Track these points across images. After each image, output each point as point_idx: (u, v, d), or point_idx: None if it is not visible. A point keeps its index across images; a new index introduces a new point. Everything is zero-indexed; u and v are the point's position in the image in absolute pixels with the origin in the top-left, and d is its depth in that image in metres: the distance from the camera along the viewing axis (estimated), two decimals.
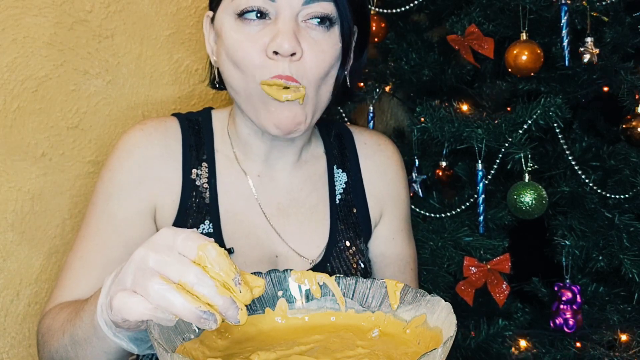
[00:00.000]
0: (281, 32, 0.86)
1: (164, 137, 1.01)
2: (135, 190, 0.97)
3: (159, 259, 0.60)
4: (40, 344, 0.89)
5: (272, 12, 0.87)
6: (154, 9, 1.43)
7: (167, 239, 0.62)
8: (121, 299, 0.61)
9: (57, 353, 0.82)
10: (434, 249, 1.50)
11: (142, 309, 0.60)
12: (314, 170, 1.07)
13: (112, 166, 0.99)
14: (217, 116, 1.06)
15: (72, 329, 0.78)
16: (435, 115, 1.41)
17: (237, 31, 0.89)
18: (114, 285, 0.64)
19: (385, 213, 1.11)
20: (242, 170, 1.02)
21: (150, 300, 0.59)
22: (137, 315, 0.60)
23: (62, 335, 0.81)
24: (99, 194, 0.98)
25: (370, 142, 1.13)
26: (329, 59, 0.90)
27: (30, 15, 1.26)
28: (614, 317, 1.55)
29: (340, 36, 0.92)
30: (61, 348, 0.81)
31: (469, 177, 1.57)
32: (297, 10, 0.87)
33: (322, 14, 0.88)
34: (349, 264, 1.03)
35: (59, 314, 0.86)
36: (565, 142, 1.43)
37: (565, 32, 1.39)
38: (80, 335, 0.76)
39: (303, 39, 0.88)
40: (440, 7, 1.66)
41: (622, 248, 1.46)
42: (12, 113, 1.26)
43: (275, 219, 1.02)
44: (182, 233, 0.62)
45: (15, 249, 1.28)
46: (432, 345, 0.65)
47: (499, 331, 1.55)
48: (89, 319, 0.73)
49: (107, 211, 0.97)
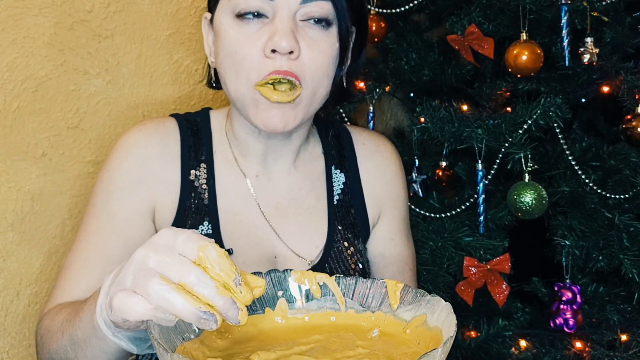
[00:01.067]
0: (279, 30, 0.86)
1: (163, 137, 1.01)
2: (134, 190, 0.97)
3: (159, 259, 0.60)
4: (39, 345, 0.89)
5: (270, 11, 0.88)
6: (154, 9, 1.43)
7: (168, 240, 0.62)
8: (121, 299, 0.61)
9: (56, 354, 0.82)
10: (434, 249, 1.50)
11: (142, 309, 0.60)
12: (312, 170, 1.07)
13: (111, 166, 0.99)
14: (215, 117, 1.06)
15: (71, 330, 0.78)
16: (435, 115, 1.41)
17: (236, 30, 0.89)
18: (114, 285, 0.64)
19: (384, 214, 1.11)
20: (241, 171, 1.02)
21: (151, 301, 0.59)
22: (137, 315, 0.60)
23: (61, 336, 0.81)
24: (98, 194, 0.98)
25: (369, 143, 1.13)
26: (327, 59, 0.90)
27: (30, 15, 1.25)
28: (614, 317, 1.55)
29: (338, 36, 0.92)
30: (60, 349, 0.81)
31: (469, 177, 1.57)
32: (294, 9, 0.87)
33: (319, 14, 0.89)
34: (348, 264, 1.03)
35: (58, 315, 0.86)
36: (565, 142, 1.43)
37: (565, 32, 1.39)
38: (79, 336, 0.76)
39: (301, 38, 0.88)
40: (440, 7, 1.66)
41: (622, 248, 1.46)
42: (12, 113, 1.26)
43: (274, 219, 1.02)
44: (182, 234, 0.62)
45: (15, 249, 1.28)
46: (432, 346, 0.65)
47: (499, 331, 1.55)
48: (88, 319, 0.73)
49: (107, 211, 0.97)
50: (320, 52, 0.89)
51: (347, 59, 0.99)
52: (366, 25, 1.01)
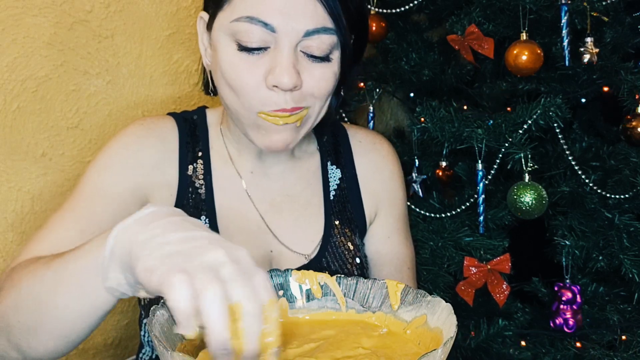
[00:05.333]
0: (280, 65, 0.84)
1: (162, 132, 1.01)
2: (131, 170, 0.96)
3: (233, 275, 0.57)
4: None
5: (272, 41, 0.85)
6: (153, 9, 1.43)
7: (249, 262, 0.59)
8: (175, 280, 0.55)
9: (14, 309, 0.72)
10: (434, 249, 1.50)
11: (185, 303, 0.55)
12: (308, 166, 1.08)
13: (109, 149, 0.97)
14: (211, 114, 1.07)
15: (39, 279, 0.70)
16: (435, 115, 1.41)
17: (235, 55, 0.87)
18: (168, 257, 0.58)
19: (381, 212, 1.11)
20: (236, 168, 1.03)
21: (200, 301, 0.55)
22: (175, 302, 0.55)
23: (18, 288, 0.72)
24: (91, 170, 0.95)
25: (366, 141, 1.13)
26: (329, 84, 0.90)
27: (30, 15, 1.25)
28: (614, 317, 1.55)
29: (340, 62, 0.90)
30: (19, 302, 0.71)
31: (469, 177, 1.57)
32: (296, 41, 0.85)
33: (320, 52, 0.86)
34: (345, 259, 1.03)
35: (29, 266, 0.76)
36: (565, 142, 1.43)
37: (565, 32, 1.39)
38: (47, 286, 0.68)
39: (302, 69, 0.86)
40: (440, 7, 1.66)
41: (622, 248, 1.46)
42: (12, 113, 1.26)
43: (269, 215, 1.02)
44: (262, 272, 0.59)
45: (15, 249, 1.28)
46: (432, 346, 0.65)
47: (499, 331, 1.55)
48: (81, 262, 0.66)
49: (100, 184, 0.93)
50: (323, 80, 0.88)
51: (347, 79, 0.98)
52: (366, 36, 1.00)
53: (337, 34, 0.87)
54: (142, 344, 1.04)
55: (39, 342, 0.71)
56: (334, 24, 0.86)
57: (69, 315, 0.68)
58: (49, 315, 0.69)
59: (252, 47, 0.85)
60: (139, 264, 0.59)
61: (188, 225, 0.62)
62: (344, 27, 0.87)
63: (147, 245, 0.60)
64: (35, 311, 0.70)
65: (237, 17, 0.85)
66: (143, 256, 0.59)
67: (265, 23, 0.83)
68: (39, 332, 0.70)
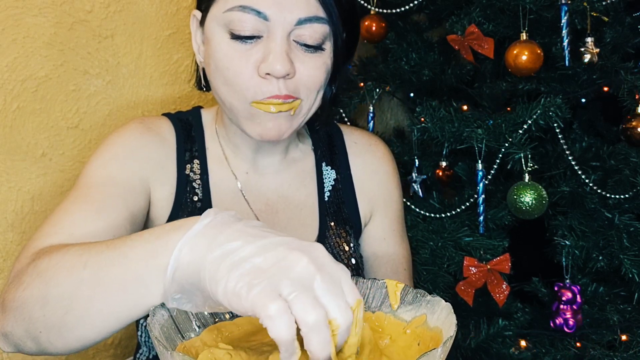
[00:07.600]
0: (273, 52, 0.85)
1: (161, 131, 1.01)
2: (137, 163, 0.95)
3: (326, 288, 0.54)
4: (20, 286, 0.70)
5: (264, 30, 0.86)
6: (154, 9, 1.43)
7: (329, 261, 0.57)
8: (273, 312, 0.52)
9: (56, 295, 0.66)
10: (434, 249, 1.50)
11: (287, 334, 0.52)
12: (302, 167, 1.08)
13: (111, 143, 0.96)
14: (206, 115, 1.07)
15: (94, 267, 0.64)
16: (435, 115, 1.41)
17: (228, 46, 0.87)
18: (250, 273, 0.54)
19: (377, 213, 1.11)
20: (231, 168, 1.03)
21: (302, 327, 0.52)
22: (278, 335, 0.52)
23: (70, 275, 0.65)
24: (94, 163, 0.93)
25: (361, 142, 1.13)
26: (322, 74, 0.90)
27: (30, 15, 1.26)
28: (614, 317, 1.55)
29: (333, 52, 0.91)
30: (65, 290, 0.65)
31: (469, 177, 1.57)
32: (289, 29, 0.86)
33: (312, 40, 0.87)
34: (340, 260, 1.03)
35: (56, 256, 0.69)
36: (565, 142, 1.43)
37: (565, 32, 1.39)
38: (85, 289, 0.63)
39: (295, 58, 0.87)
40: (440, 7, 1.66)
41: (622, 248, 1.46)
42: (12, 113, 1.26)
43: (264, 216, 1.02)
44: (343, 270, 0.58)
45: (15, 249, 1.28)
46: (432, 346, 0.65)
47: (499, 331, 1.55)
48: (130, 271, 0.62)
49: (108, 173, 0.91)
50: (316, 69, 0.89)
51: (340, 71, 0.99)
52: (358, 31, 1.00)
53: (329, 23, 0.88)
54: (139, 345, 1.04)
55: (62, 341, 0.67)
56: (326, 13, 0.87)
57: (106, 322, 0.65)
58: (84, 319, 0.65)
59: (245, 36, 0.86)
60: (219, 288, 0.55)
61: (255, 231, 0.59)
62: (336, 17, 0.88)
63: (221, 264, 0.56)
64: (67, 312, 0.65)
65: (230, 7, 0.86)
66: (221, 279, 0.55)
67: (258, 11, 0.84)
68: (64, 332, 0.66)
